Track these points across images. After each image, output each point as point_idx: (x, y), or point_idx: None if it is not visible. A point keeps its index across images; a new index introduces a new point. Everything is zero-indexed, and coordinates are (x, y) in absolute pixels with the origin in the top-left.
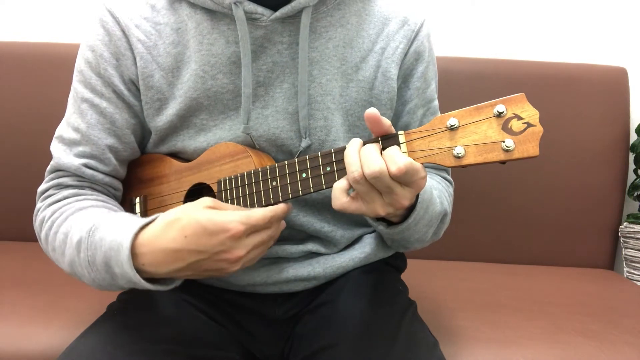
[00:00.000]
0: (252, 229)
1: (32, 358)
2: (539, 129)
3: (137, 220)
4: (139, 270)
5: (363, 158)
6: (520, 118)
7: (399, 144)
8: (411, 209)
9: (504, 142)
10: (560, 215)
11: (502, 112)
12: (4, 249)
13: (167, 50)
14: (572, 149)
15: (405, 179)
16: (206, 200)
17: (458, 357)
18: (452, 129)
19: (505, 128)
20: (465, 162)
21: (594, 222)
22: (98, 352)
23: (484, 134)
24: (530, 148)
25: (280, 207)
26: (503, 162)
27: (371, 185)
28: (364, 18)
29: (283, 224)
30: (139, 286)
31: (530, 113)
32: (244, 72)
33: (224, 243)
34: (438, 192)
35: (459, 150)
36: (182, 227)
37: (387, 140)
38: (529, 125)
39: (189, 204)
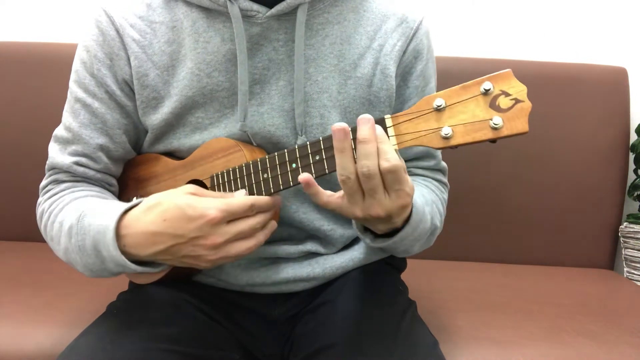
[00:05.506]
0: (231, 216)
1: (32, 358)
2: (527, 104)
3: (121, 205)
4: (122, 252)
5: (359, 152)
6: (507, 94)
7: (385, 128)
8: (403, 224)
9: (492, 119)
10: (560, 215)
11: (489, 90)
12: (4, 249)
13: (162, 48)
14: (572, 149)
15: (391, 177)
16: (188, 187)
17: (458, 357)
18: (439, 109)
19: (493, 105)
20: (453, 142)
21: (594, 222)
22: (98, 352)
23: (471, 113)
24: (519, 124)
25: (263, 198)
26: (493, 141)
27: (359, 185)
28: (361, 14)
29: (274, 223)
30: (127, 269)
31: (518, 89)
32: (239, 69)
33: (202, 229)
34: (430, 208)
35: (447, 130)
36: (162, 211)
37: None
38: (517, 101)
39: (171, 190)
